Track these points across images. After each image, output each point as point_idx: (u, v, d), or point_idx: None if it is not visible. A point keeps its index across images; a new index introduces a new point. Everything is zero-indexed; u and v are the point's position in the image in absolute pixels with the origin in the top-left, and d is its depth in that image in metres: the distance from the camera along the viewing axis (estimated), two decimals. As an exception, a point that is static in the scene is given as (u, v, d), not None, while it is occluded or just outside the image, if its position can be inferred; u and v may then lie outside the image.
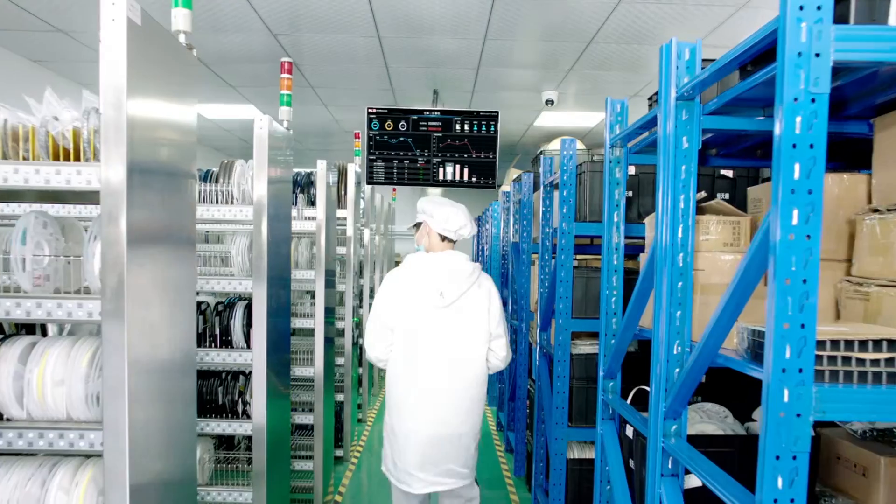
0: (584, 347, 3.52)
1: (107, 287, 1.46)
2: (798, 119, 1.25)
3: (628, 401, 2.72)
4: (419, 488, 2.61)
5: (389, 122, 5.68)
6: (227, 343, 2.82)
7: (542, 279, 3.97)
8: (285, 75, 3.06)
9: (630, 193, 3.16)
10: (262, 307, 2.65)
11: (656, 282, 1.98)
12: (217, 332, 2.81)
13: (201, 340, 2.81)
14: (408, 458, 2.60)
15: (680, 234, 1.93)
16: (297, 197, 4.27)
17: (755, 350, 1.54)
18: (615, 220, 2.65)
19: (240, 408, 2.83)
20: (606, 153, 2.65)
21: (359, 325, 5.97)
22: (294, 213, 4.11)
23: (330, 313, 4.37)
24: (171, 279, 1.75)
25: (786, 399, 1.28)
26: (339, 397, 5.00)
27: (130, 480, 1.48)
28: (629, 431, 2.55)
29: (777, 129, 1.28)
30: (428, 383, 2.60)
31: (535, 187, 4.68)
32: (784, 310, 1.27)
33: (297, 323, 4.07)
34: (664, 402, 1.95)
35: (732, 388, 2.61)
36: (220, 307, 2.85)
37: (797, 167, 1.26)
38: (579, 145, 4.69)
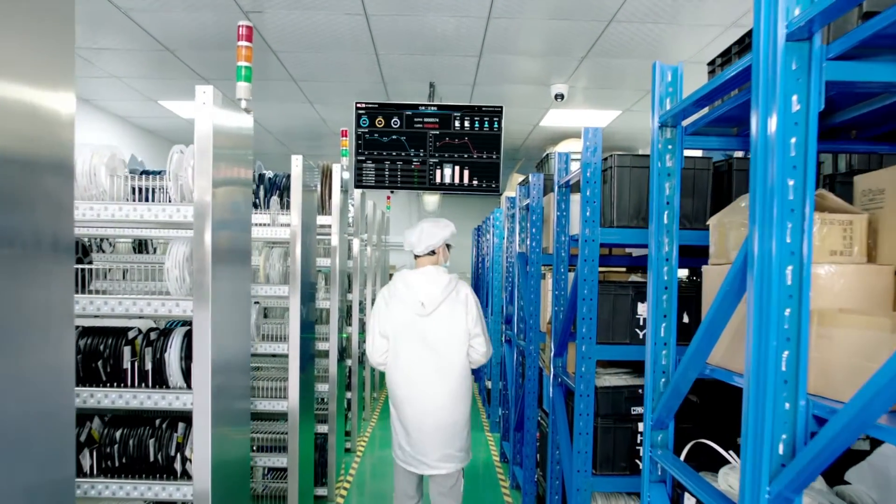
0: (609, 378, 2.92)
1: None
2: None
3: (682, 457, 2.09)
4: (424, 470, 3.01)
5: (380, 118, 5.07)
6: (161, 382, 2.18)
7: (557, 295, 3.35)
8: (243, 42, 2.44)
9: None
10: (205, 336, 2.02)
11: (750, 307, 1.36)
12: (149, 367, 2.17)
13: (126, 378, 2.17)
14: (415, 445, 3.00)
15: (788, 238, 1.31)
16: (270, 200, 3.67)
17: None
18: (665, 221, 2.04)
19: (178, 465, 2.18)
20: (654, 135, 2.04)
21: (348, 340, 5.35)
22: (266, 218, 3.52)
23: (309, 333, 3.75)
24: (26, 303, 1.12)
25: None
26: (323, 428, 4.36)
27: None
28: (689, 502, 1.92)
29: None
30: (419, 381, 2.98)
31: (546, 190, 4.08)
32: None
33: (268, 348, 3.45)
34: (768, 485, 1.32)
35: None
36: (154, 335, 2.21)
37: None
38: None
